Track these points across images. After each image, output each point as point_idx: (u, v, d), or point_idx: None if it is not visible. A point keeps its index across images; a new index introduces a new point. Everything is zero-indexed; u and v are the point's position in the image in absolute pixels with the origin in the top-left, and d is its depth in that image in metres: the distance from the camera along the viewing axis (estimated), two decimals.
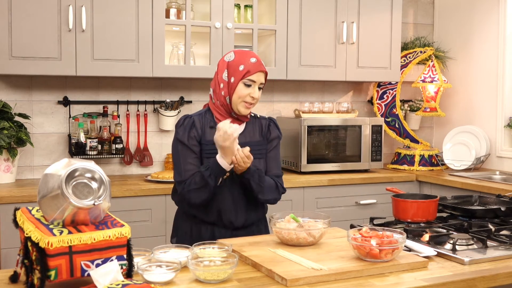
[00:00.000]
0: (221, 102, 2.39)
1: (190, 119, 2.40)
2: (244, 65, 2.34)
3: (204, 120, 2.41)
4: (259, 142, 2.46)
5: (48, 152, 3.78)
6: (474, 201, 2.74)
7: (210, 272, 1.68)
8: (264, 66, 2.39)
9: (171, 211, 3.45)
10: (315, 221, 2.14)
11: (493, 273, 1.84)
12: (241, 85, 2.34)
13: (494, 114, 4.38)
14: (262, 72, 2.37)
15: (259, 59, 2.40)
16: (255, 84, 2.35)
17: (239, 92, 2.34)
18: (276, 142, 2.52)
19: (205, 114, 2.44)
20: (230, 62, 2.38)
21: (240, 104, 2.36)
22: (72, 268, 1.53)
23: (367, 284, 1.71)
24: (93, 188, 1.60)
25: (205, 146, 2.37)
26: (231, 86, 2.35)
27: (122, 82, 3.93)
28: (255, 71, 2.34)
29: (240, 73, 2.34)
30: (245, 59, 2.36)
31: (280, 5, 3.92)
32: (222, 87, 2.38)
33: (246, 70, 2.33)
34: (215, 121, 2.40)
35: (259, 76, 2.36)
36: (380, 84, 4.58)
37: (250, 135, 2.45)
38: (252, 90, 2.34)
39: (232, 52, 2.41)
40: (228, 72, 2.37)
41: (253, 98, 2.35)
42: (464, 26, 4.64)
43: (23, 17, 3.33)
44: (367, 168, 4.20)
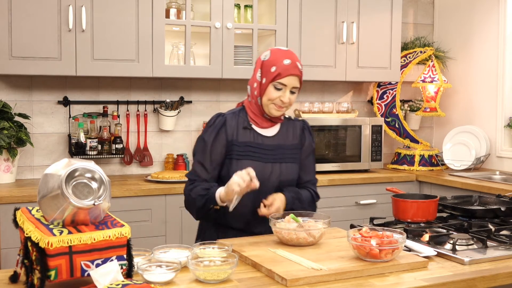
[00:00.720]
0: (255, 101, 2.32)
1: (222, 118, 2.32)
2: (276, 67, 2.23)
3: (238, 120, 2.32)
4: (293, 146, 2.38)
5: (48, 152, 3.78)
6: (474, 201, 2.74)
7: (210, 272, 1.68)
8: (299, 68, 2.27)
9: (171, 211, 3.46)
10: (315, 221, 2.13)
11: (493, 273, 1.84)
12: (271, 87, 2.25)
13: (494, 114, 4.38)
14: (294, 76, 2.25)
15: (295, 60, 2.27)
16: (286, 88, 2.24)
17: (268, 94, 2.25)
18: (310, 150, 2.43)
19: (239, 113, 2.35)
20: (264, 62, 2.28)
21: (270, 106, 2.27)
22: (72, 268, 1.53)
23: (367, 284, 1.71)
24: (93, 188, 1.60)
25: (236, 147, 2.28)
26: (262, 87, 2.27)
27: (122, 82, 3.93)
28: (286, 74, 2.23)
29: (271, 75, 2.24)
30: (278, 60, 2.24)
31: (280, 5, 3.92)
32: (255, 86, 2.30)
33: (277, 72, 2.23)
34: (249, 121, 2.33)
35: (290, 80, 2.24)
36: (380, 84, 4.58)
37: (284, 138, 2.36)
38: (282, 94, 2.24)
39: (269, 51, 2.31)
40: (261, 71, 2.28)
41: (283, 102, 2.25)
42: (464, 26, 4.64)
43: (23, 17, 3.33)
44: (367, 168, 4.21)
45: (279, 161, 2.32)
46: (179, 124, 4.07)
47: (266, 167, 2.29)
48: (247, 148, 2.26)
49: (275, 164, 2.31)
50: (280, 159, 2.33)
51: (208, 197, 2.22)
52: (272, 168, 2.30)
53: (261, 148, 2.30)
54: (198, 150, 2.33)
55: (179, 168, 3.97)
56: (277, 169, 2.31)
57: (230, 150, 2.29)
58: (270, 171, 2.30)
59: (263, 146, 2.31)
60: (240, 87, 4.24)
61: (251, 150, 2.29)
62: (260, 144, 2.31)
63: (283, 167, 2.32)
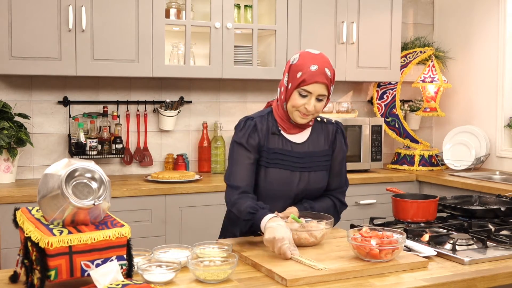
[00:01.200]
0: (282, 106, 2.21)
1: (251, 122, 2.21)
2: (302, 72, 2.10)
3: (266, 124, 2.22)
4: (324, 153, 2.27)
5: (48, 152, 3.78)
6: (474, 201, 2.74)
7: (210, 272, 1.68)
8: (326, 75, 2.11)
9: (171, 211, 3.46)
10: (317, 221, 2.11)
11: (493, 273, 1.84)
12: (296, 93, 2.13)
13: (494, 114, 4.38)
14: (320, 84, 2.10)
15: (323, 66, 2.12)
16: (311, 95, 2.11)
17: (293, 101, 2.14)
18: (342, 156, 2.32)
19: (267, 116, 2.25)
20: (292, 65, 2.16)
21: (294, 113, 2.16)
22: (72, 268, 1.53)
23: (367, 284, 1.71)
24: (93, 188, 1.60)
25: (265, 153, 2.19)
26: (288, 93, 2.16)
27: (122, 82, 3.93)
28: (311, 81, 2.09)
29: (296, 81, 2.12)
30: (305, 65, 2.11)
31: (280, 5, 3.92)
32: (282, 90, 2.20)
33: (302, 78, 2.10)
34: (277, 127, 2.22)
35: (316, 88, 2.10)
36: (380, 84, 4.58)
37: (314, 144, 2.25)
38: (307, 101, 2.12)
39: (298, 54, 2.18)
40: (288, 76, 2.17)
41: (307, 110, 2.12)
42: (464, 26, 4.64)
43: (23, 17, 3.33)
44: (367, 168, 4.20)
45: (308, 169, 2.23)
46: (179, 124, 4.07)
47: (294, 175, 2.21)
48: (275, 155, 2.18)
49: (303, 172, 2.22)
50: (309, 167, 2.23)
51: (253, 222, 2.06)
52: (300, 176, 2.22)
53: (290, 156, 2.21)
54: (233, 151, 2.21)
55: (179, 168, 3.97)
56: (305, 178, 2.23)
57: (259, 157, 2.20)
58: (298, 180, 2.22)
59: (292, 153, 2.21)
60: (240, 87, 4.24)
61: (280, 157, 2.19)
62: (289, 151, 2.21)
63: (311, 175, 2.24)
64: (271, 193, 2.22)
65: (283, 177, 2.18)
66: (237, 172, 2.18)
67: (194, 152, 4.14)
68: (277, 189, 2.21)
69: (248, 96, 4.28)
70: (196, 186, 3.54)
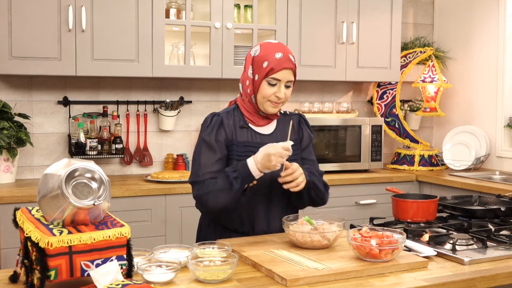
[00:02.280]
0: (249, 99, 2.23)
1: (218, 118, 2.21)
2: (268, 62, 2.13)
3: (233, 119, 2.23)
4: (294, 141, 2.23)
5: (48, 152, 3.78)
6: (474, 201, 2.74)
7: (210, 272, 1.68)
8: (292, 61, 2.16)
9: (171, 211, 3.46)
10: (329, 223, 2.08)
11: (493, 273, 1.84)
12: (264, 83, 2.15)
13: (494, 114, 4.38)
14: (288, 69, 2.15)
15: (287, 52, 2.16)
16: (280, 82, 2.15)
17: (262, 91, 2.16)
18: (308, 142, 2.36)
19: (233, 111, 2.26)
20: (255, 57, 2.18)
21: (266, 103, 2.18)
22: (72, 268, 1.53)
23: (367, 284, 1.71)
24: (93, 188, 1.60)
25: (235, 147, 2.19)
26: (256, 84, 2.17)
27: (122, 82, 3.94)
28: (279, 68, 2.13)
29: (263, 71, 2.14)
30: (269, 55, 2.14)
31: (280, 5, 3.92)
32: (248, 84, 2.21)
33: (270, 67, 2.13)
34: (245, 120, 2.24)
35: (284, 74, 2.14)
36: (380, 84, 4.58)
37: (282, 134, 2.26)
38: (277, 89, 2.15)
39: (259, 46, 2.20)
40: (253, 68, 2.18)
41: (278, 97, 2.16)
42: (464, 26, 4.64)
43: (23, 17, 3.33)
44: (367, 168, 4.21)
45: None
46: (179, 124, 4.07)
47: None
48: (246, 148, 2.19)
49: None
50: None
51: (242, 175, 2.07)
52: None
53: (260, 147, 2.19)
54: (199, 150, 2.20)
55: (179, 168, 3.97)
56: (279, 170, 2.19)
57: (230, 151, 2.20)
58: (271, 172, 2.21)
59: (262, 145, 2.19)
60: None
61: (251, 150, 2.19)
62: (259, 143, 2.21)
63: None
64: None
65: None
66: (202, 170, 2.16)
67: None
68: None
69: None
70: None
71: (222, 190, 2.09)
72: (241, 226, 2.24)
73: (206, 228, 2.33)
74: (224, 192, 2.09)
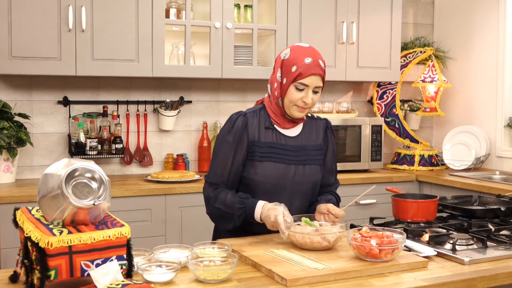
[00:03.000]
0: (276, 102, 2.21)
1: (243, 119, 2.20)
2: (297, 66, 2.11)
3: (259, 119, 2.22)
4: (316, 147, 2.28)
5: (48, 152, 3.78)
6: (474, 201, 2.74)
7: (210, 272, 1.68)
8: (321, 67, 2.14)
9: (171, 211, 3.46)
10: (332, 225, 2.06)
11: (492, 273, 1.84)
12: (292, 88, 2.13)
13: (494, 114, 4.38)
14: (316, 75, 2.12)
15: (317, 58, 2.14)
16: (308, 88, 2.12)
17: (290, 96, 2.14)
18: (333, 151, 2.35)
19: (259, 111, 2.24)
20: (284, 60, 2.16)
21: (292, 108, 2.16)
22: (72, 268, 1.53)
23: (366, 284, 1.71)
24: (93, 188, 1.60)
25: (258, 148, 2.18)
26: (283, 88, 2.16)
27: (122, 82, 3.94)
28: (308, 74, 2.11)
29: (292, 75, 2.12)
30: (299, 59, 2.12)
31: (280, 5, 3.92)
32: (275, 86, 2.19)
33: (298, 72, 2.11)
34: (271, 122, 2.22)
35: (312, 80, 2.12)
36: (380, 84, 4.58)
37: (307, 138, 2.26)
38: (304, 95, 2.13)
39: (289, 49, 2.18)
40: (281, 71, 2.17)
41: (305, 103, 2.14)
42: (464, 26, 4.64)
43: (23, 17, 3.34)
44: (367, 168, 4.21)
45: (302, 162, 2.23)
46: (179, 124, 4.07)
47: (289, 168, 2.20)
48: (270, 149, 2.18)
49: (298, 166, 2.22)
50: (304, 160, 2.23)
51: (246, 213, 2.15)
52: (296, 170, 2.22)
53: (285, 149, 2.21)
54: (220, 150, 2.21)
55: (179, 168, 3.97)
56: (300, 171, 2.22)
57: (252, 151, 2.19)
58: (293, 173, 2.22)
59: (286, 147, 2.21)
60: (240, 87, 4.24)
61: (274, 151, 2.19)
62: (283, 145, 2.20)
63: (306, 169, 2.24)
64: (267, 186, 2.20)
65: (278, 170, 2.17)
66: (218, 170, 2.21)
67: (194, 152, 4.14)
68: (272, 182, 2.19)
69: (248, 96, 4.28)
70: (196, 186, 3.54)
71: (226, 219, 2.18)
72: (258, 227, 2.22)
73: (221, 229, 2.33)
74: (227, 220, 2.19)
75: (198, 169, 4.11)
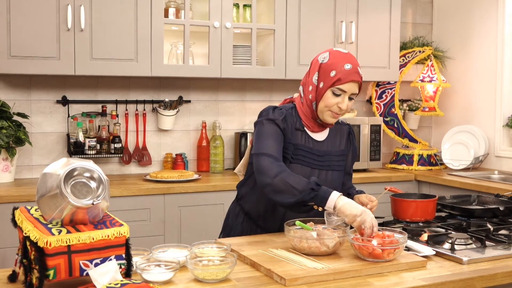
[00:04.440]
0: (308, 105, 2.18)
1: (282, 111, 2.16)
2: (336, 71, 2.10)
3: (291, 118, 2.18)
4: (340, 152, 2.27)
5: (46, 152, 3.77)
6: (473, 201, 2.74)
7: (208, 272, 1.68)
8: (359, 74, 2.13)
9: (170, 210, 3.46)
10: (333, 229, 2.00)
11: (491, 272, 1.84)
12: (329, 93, 2.11)
13: (492, 113, 4.38)
14: (355, 82, 2.11)
15: (356, 65, 2.13)
16: (345, 94, 2.11)
17: (326, 100, 2.12)
18: (353, 156, 2.35)
19: (291, 111, 2.21)
20: (322, 64, 2.14)
21: (326, 113, 2.14)
22: (70, 268, 1.53)
23: (365, 284, 1.71)
24: (91, 187, 1.60)
25: (291, 147, 2.16)
26: (319, 92, 2.13)
27: (121, 82, 3.93)
28: (347, 80, 2.09)
29: (330, 80, 2.10)
30: (338, 64, 2.10)
31: (279, 5, 3.92)
32: (310, 89, 2.17)
33: (337, 77, 2.09)
34: (301, 123, 2.20)
35: (351, 86, 2.10)
36: (379, 84, 4.58)
37: (332, 144, 2.25)
38: (340, 100, 2.11)
39: (328, 53, 2.17)
40: (318, 75, 2.14)
41: (340, 109, 2.12)
42: (463, 25, 4.64)
43: (21, 16, 3.33)
44: (366, 168, 4.20)
45: (326, 168, 2.22)
46: (178, 123, 4.07)
47: (313, 173, 2.18)
48: (298, 151, 2.16)
49: (321, 171, 2.20)
50: (328, 166, 2.22)
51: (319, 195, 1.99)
52: (319, 174, 2.20)
53: (311, 153, 2.19)
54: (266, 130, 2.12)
55: (177, 167, 3.97)
56: (323, 176, 2.21)
57: (285, 148, 2.15)
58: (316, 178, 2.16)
59: (313, 151, 2.19)
60: (239, 86, 4.24)
61: (302, 154, 2.17)
62: (311, 148, 2.19)
63: (329, 174, 2.23)
64: None
65: (303, 174, 2.12)
66: (270, 143, 2.10)
67: (193, 152, 4.14)
68: None
69: (247, 96, 4.28)
70: (195, 185, 3.54)
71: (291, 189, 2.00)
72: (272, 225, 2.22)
73: (234, 219, 2.34)
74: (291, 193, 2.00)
75: (197, 168, 4.11)
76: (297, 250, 1.96)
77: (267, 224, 2.27)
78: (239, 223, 2.32)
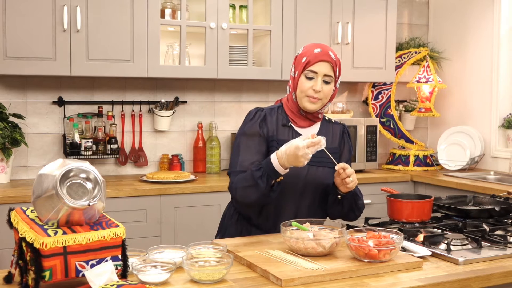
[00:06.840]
0: (291, 98, 2.25)
1: (262, 113, 2.24)
2: (306, 56, 2.17)
3: (276, 116, 2.25)
4: (332, 150, 2.25)
5: (42, 153, 3.77)
6: (469, 201, 2.74)
7: (205, 273, 1.68)
8: (330, 55, 2.17)
9: (166, 211, 3.46)
10: (330, 230, 1.99)
11: (487, 273, 1.84)
12: (302, 77, 2.18)
13: (488, 114, 4.39)
14: (325, 62, 2.15)
15: (327, 49, 2.18)
16: (317, 75, 2.16)
17: (300, 86, 2.18)
18: (348, 156, 2.36)
19: (277, 109, 2.28)
20: (297, 56, 2.24)
21: (304, 99, 2.19)
22: (66, 269, 1.53)
23: (362, 284, 1.71)
24: (87, 188, 1.60)
25: (275, 143, 2.19)
26: (295, 81, 2.20)
27: (117, 82, 3.93)
28: (316, 60, 2.15)
29: (301, 66, 2.18)
30: (309, 51, 2.18)
31: (275, 6, 3.92)
32: (290, 83, 2.25)
33: (307, 61, 2.16)
34: (288, 119, 2.25)
35: (321, 67, 2.15)
36: (375, 85, 4.59)
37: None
38: (314, 83, 2.15)
39: (303, 47, 2.26)
40: (294, 66, 2.24)
41: (315, 91, 2.15)
42: (458, 26, 4.65)
43: (17, 17, 3.33)
44: (362, 169, 4.21)
45: (316, 164, 2.21)
46: (174, 124, 4.07)
47: (303, 168, 2.17)
48: None
49: (311, 166, 2.20)
50: (318, 162, 2.21)
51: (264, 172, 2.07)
52: (308, 170, 2.21)
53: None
54: (239, 142, 2.22)
55: (174, 168, 3.97)
56: (313, 172, 2.23)
57: (270, 146, 2.21)
58: (305, 173, 2.22)
59: None
60: (235, 87, 4.24)
61: None
62: None
63: (319, 170, 2.24)
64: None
65: (293, 170, 2.13)
66: (240, 161, 2.18)
67: (189, 153, 4.14)
68: (284, 179, 2.15)
69: (243, 97, 4.28)
70: (191, 186, 3.54)
71: (250, 187, 2.10)
72: (265, 222, 2.25)
73: (229, 219, 2.35)
74: (251, 189, 2.10)
75: (193, 169, 4.11)
76: (293, 251, 1.96)
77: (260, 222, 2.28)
78: (233, 222, 2.33)
